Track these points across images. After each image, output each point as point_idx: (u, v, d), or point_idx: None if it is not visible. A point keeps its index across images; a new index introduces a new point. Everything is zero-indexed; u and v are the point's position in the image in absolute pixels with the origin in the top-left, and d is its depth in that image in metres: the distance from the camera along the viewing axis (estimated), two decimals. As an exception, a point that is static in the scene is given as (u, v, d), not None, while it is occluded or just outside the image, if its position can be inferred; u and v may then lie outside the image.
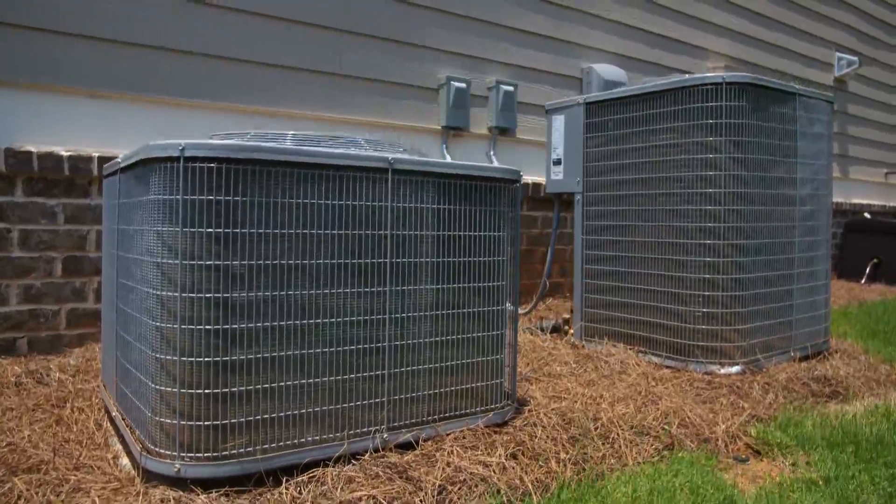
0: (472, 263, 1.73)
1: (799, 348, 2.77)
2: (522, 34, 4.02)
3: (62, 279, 2.64)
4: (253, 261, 1.42)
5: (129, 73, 2.80)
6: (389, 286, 1.59)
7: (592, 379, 2.47)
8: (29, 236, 2.57)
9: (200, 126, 2.98)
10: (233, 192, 1.39)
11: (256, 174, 1.41)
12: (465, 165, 1.70)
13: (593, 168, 2.88)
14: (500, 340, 1.81)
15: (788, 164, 2.67)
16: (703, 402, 2.24)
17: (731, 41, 5.26)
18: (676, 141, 2.57)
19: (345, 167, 1.51)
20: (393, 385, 1.61)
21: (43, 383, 2.27)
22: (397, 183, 1.59)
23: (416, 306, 1.64)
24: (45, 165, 2.55)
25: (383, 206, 1.57)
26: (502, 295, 1.80)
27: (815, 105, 2.77)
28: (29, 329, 2.58)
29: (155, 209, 1.40)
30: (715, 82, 2.47)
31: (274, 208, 1.43)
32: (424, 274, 1.65)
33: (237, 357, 1.41)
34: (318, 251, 1.49)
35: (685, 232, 2.56)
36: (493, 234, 1.77)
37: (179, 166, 1.36)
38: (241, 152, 1.38)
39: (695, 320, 2.55)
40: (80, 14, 2.68)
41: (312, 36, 3.26)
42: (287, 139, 1.57)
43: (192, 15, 2.93)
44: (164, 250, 1.39)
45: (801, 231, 2.74)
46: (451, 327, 1.70)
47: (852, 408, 2.35)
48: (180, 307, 1.38)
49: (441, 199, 1.67)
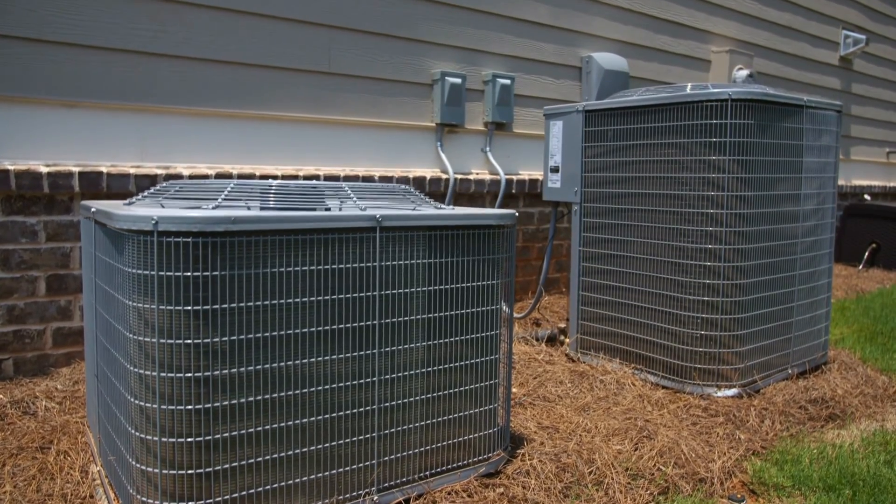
0: (464, 315, 1.67)
1: (797, 365, 2.74)
2: (519, 23, 3.87)
3: (46, 298, 2.57)
4: (234, 336, 1.36)
5: (107, 81, 2.67)
6: (378, 348, 1.54)
7: (587, 402, 2.44)
8: (9, 256, 2.49)
9: (185, 134, 2.87)
10: (210, 267, 1.31)
11: (235, 246, 1.34)
12: (457, 215, 1.62)
13: (592, 179, 2.80)
14: (493, 390, 1.76)
15: (793, 181, 2.58)
16: (700, 433, 2.22)
17: (737, 23, 5.08)
18: (679, 158, 2.48)
19: (329, 230, 1.44)
20: (383, 446, 1.57)
21: (29, 413, 2.23)
22: (385, 241, 1.52)
23: (407, 365, 1.59)
24: (23, 184, 2.46)
25: (371, 267, 1.50)
26: (496, 344, 1.75)
27: (822, 116, 2.67)
28: (14, 350, 2.52)
29: (131, 281, 1.32)
30: (720, 99, 2.36)
31: (255, 280, 1.36)
32: (414, 331, 1.59)
33: (220, 435, 1.36)
34: (303, 320, 1.43)
35: (685, 252, 2.49)
36: (487, 283, 1.70)
37: (153, 240, 1.28)
38: (218, 224, 1.30)
39: (693, 342, 2.50)
40: (50, 19, 2.54)
41: (300, 33, 3.12)
42: (269, 198, 1.49)
43: (170, 16, 2.79)
44: (142, 325, 1.32)
45: (803, 247, 2.67)
46: (442, 382, 1.65)
47: (849, 434, 2.32)
48: (159, 385, 1.32)
49: (432, 252, 1.59)
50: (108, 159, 2.71)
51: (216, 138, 2.95)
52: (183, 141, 2.87)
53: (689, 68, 4.81)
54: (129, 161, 2.75)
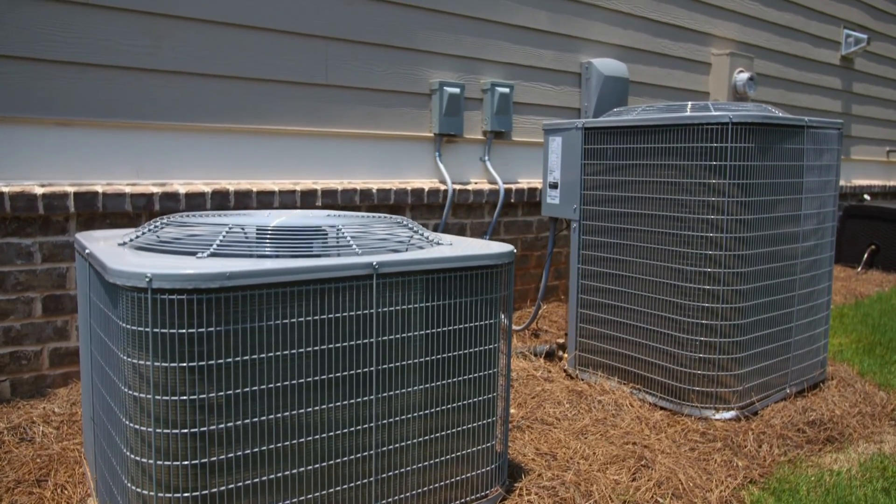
0: (462, 356, 1.66)
1: (795, 384, 2.74)
2: (518, 30, 3.83)
3: (43, 319, 2.56)
4: (231, 390, 1.35)
5: (101, 99, 2.64)
6: (376, 394, 1.53)
7: (585, 425, 2.44)
8: (5, 278, 2.47)
9: (181, 150, 2.84)
10: (206, 323, 1.30)
11: (231, 301, 1.32)
12: (455, 258, 1.61)
13: (591, 197, 2.78)
14: (490, 428, 1.76)
15: (794, 201, 2.57)
16: (698, 460, 2.22)
17: (738, 24, 5.04)
18: (679, 179, 2.46)
19: (326, 280, 1.42)
20: (381, 490, 1.57)
21: (27, 440, 2.23)
22: (383, 287, 1.50)
23: (404, 409, 1.58)
24: (18, 206, 2.43)
25: (368, 314, 1.49)
26: (494, 382, 1.74)
27: (823, 136, 2.65)
28: (10, 372, 2.52)
29: (126, 336, 1.31)
30: (721, 122, 2.34)
31: (252, 333, 1.35)
32: (412, 375, 1.58)
33: (217, 489, 1.35)
34: (300, 370, 1.42)
35: (684, 275, 2.48)
36: (486, 322, 1.69)
37: (148, 298, 1.27)
38: (213, 281, 1.29)
39: (691, 364, 2.50)
40: (42, 37, 2.51)
41: (297, 45, 3.08)
42: (265, 242, 1.47)
43: (165, 31, 2.75)
44: (137, 378, 1.31)
45: (803, 267, 2.66)
46: (440, 424, 1.65)
47: (847, 459, 2.33)
48: (155, 440, 1.31)
49: (429, 296, 1.58)
50: (104, 178, 2.69)
51: (212, 153, 2.92)
52: (179, 157, 2.85)
53: (690, 71, 4.78)
54: (124, 179, 2.73)
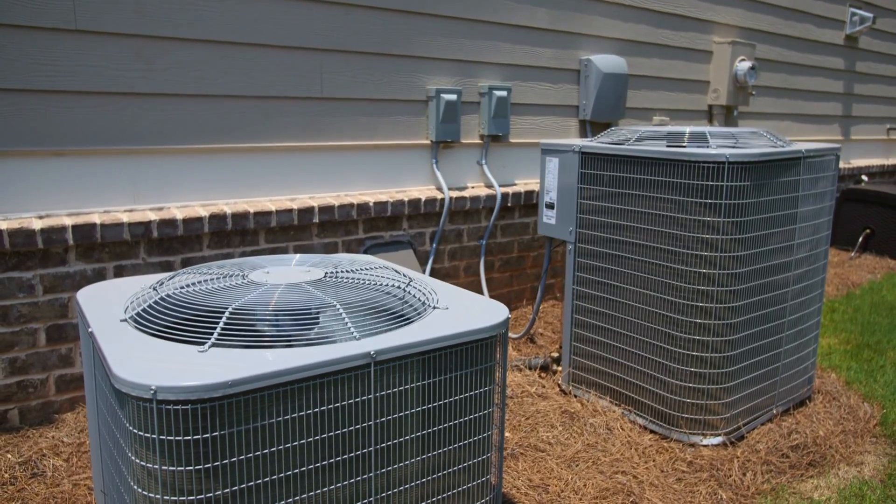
0: (458, 425, 1.72)
1: (782, 404, 2.82)
2: (516, 29, 3.76)
3: (47, 348, 2.61)
4: (237, 485, 1.41)
5: (95, 126, 2.62)
6: (374, 471, 1.59)
7: (577, 451, 2.53)
8: (8, 312, 2.51)
9: (177, 173, 2.84)
10: (210, 429, 1.35)
11: (234, 406, 1.37)
12: (451, 335, 1.64)
13: (587, 221, 2.79)
14: (485, 486, 1.84)
15: (788, 232, 2.59)
16: (684, 492, 2.31)
17: (742, 10, 4.93)
18: (673, 214, 2.48)
19: (326, 374, 1.46)
20: (380, 556, 1.65)
21: (38, 475, 2.31)
22: (380, 373, 1.55)
23: (402, 479, 1.65)
24: (17, 241, 2.45)
25: (366, 400, 1.54)
26: (489, 444, 1.81)
27: (820, 164, 2.65)
28: (18, 400, 2.58)
29: (133, 438, 1.36)
30: (718, 161, 2.34)
31: (255, 432, 1.40)
32: (409, 449, 1.64)
33: (225, 576, 1.43)
34: (302, 460, 1.48)
35: (677, 307, 2.52)
36: (481, 390, 1.74)
37: (153, 408, 1.31)
38: (215, 391, 1.33)
39: (681, 392, 2.57)
40: (32, 68, 2.47)
41: (291, 60, 3.03)
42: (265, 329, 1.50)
43: (156, 53, 2.71)
44: (145, 475, 1.37)
45: (794, 293, 2.71)
46: (436, 488, 1.72)
47: (827, 484, 2.42)
48: (165, 534, 1.38)
49: (425, 374, 1.63)
50: (101, 205, 2.69)
51: (209, 175, 2.92)
52: (175, 180, 2.84)
53: (691, 61, 4.70)
54: (121, 205, 2.73)
